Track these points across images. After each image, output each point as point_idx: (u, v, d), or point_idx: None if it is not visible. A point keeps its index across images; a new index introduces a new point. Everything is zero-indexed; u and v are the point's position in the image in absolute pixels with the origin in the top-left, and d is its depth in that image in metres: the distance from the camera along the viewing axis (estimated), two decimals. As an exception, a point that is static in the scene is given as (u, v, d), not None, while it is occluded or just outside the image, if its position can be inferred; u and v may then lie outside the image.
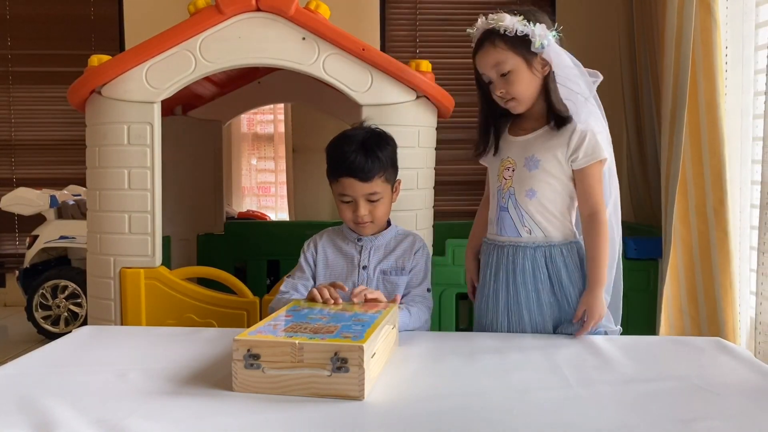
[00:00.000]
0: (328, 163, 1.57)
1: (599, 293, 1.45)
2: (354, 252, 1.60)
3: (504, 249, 1.53)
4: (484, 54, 1.46)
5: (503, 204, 1.52)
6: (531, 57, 1.44)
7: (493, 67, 1.46)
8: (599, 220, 1.46)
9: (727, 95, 2.34)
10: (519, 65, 1.44)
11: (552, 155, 1.48)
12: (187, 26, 2.04)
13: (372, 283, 1.56)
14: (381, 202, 1.54)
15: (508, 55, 1.44)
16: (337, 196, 1.55)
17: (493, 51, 1.45)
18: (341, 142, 1.54)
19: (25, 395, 1.05)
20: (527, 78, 1.45)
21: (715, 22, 2.28)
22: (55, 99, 4.41)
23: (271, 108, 4.95)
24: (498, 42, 1.44)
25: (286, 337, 1.07)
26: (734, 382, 1.14)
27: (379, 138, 1.57)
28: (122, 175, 2.05)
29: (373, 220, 1.55)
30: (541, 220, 1.50)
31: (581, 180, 1.48)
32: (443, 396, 1.07)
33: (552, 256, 1.50)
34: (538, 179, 1.48)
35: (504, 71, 1.45)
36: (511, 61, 1.44)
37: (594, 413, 1.00)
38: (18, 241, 4.49)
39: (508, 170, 1.52)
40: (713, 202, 2.31)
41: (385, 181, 1.54)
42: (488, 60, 1.46)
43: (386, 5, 4.17)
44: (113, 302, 2.09)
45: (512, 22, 1.41)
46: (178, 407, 1.01)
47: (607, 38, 3.80)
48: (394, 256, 1.59)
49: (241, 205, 5.05)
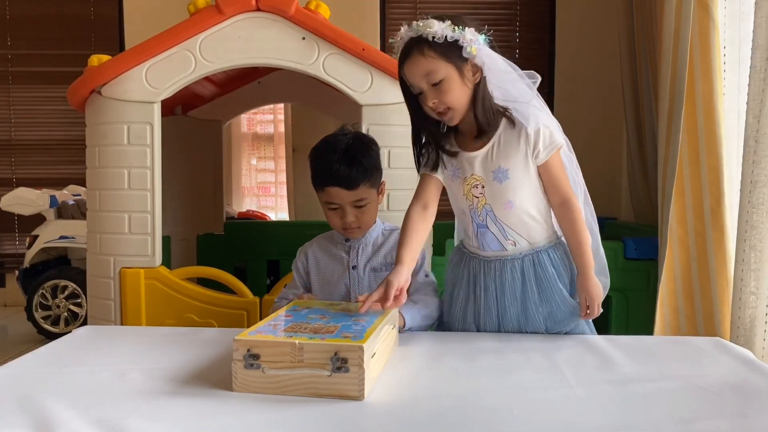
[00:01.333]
0: (312, 172, 1.57)
1: (591, 275, 1.43)
2: (343, 253, 1.61)
3: (490, 263, 1.50)
4: (413, 63, 1.37)
5: (480, 222, 1.48)
6: (462, 64, 1.37)
7: (423, 76, 1.37)
8: (572, 206, 1.44)
9: (725, 95, 2.35)
10: (451, 73, 1.36)
11: (516, 160, 1.44)
12: (187, 26, 2.04)
13: (363, 282, 1.58)
14: (368, 207, 1.55)
15: (439, 64, 1.35)
16: (324, 204, 1.56)
17: (422, 60, 1.36)
18: (324, 151, 1.54)
19: (25, 395, 1.05)
20: (459, 86, 1.37)
21: (714, 22, 2.28)
22: (55, 99, 4.42)
23: (271, 108, 4.95)
24: (427, 50, 1.35)
25: (286, 337, 1.07)
26: (734, 382, 1.14)
27: (362, 144, 1.56)
28: (122, 175, 2.05)
29: (360, 225, 1.56)
30: (524, 229, 1.47)
31: (546, 172, 1.45)
32: (443, 396, 1.07)
33: (540, 261, 1.49)
34: (512, 188, 1.44)
35: (435, 81, 1.36)
36: (443, 69, 1.36)
37: (594, 413, 1.00)
38: (18, 241, 4.50)
39: (477, 188, 1.47)
40: (710, 202, 2.31)
41: (370, 186, 1.55)
42: (418, 69, 1.37)
43: (386, 5, 4.18)
44: (113, 302, 2.09)
45: (441, 28, 1.34)
46: (178, 407, 1.01)
47: (607, 38, 3.80)
48: (382, 252, 1.60)
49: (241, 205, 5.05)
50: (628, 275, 2.67)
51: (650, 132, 3.03)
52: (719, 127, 2.29)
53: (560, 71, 4.06)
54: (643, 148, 3.16)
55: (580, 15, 4.03)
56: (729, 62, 2.38)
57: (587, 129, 3.91)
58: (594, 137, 3.91)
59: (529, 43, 4.17)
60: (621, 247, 2.69)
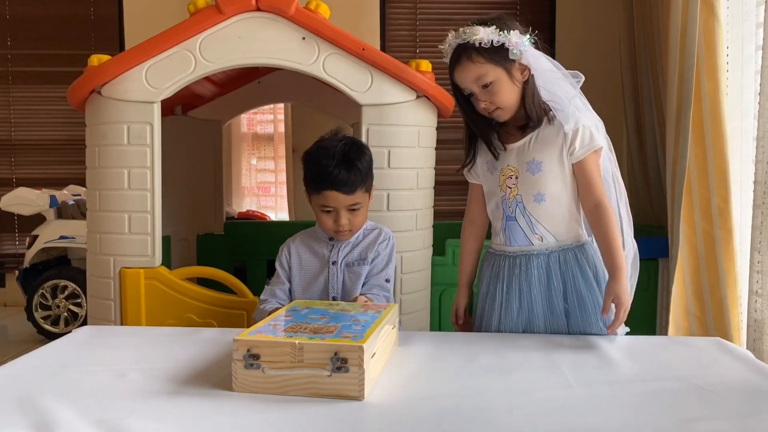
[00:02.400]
0: (307, 175, 1.58)
1: (623, 279, 1.43)
2: (325, 250, 1.64)
3: (516, 259, 1.52)
4: (463, 69, 1.45)
5: (510, 213, 1.52)
6: (510, 65, 1.44)
7: (474, 81, 1.45)
8: (604, 209, 1.46)
9: (728, 95, 2.35)
10: (500, 75, 1.43)
11: (551, 155, 1.48)
12: (187, 26, 2.04)
13: (339, 276, 1.60)
14: (361, 210, 1.58)
15: (488, 68, 1.43)
16: (318, 207, 1.58)
17: (471, 65, 1.43)
18: (322, 155, 1.55)
19: (25, 395, 1.05)
20: (509, 86, 1.45)
21: (718, 21, 2.28)
22: (55, 99, 4.42)
23: (271, 108, 4.95)
24: (475, 56, 1.42)
25: (286, 337, 1.07)
26: (734, 382, 1.14)
27: (358, 149, 1.59)
28: (122, 175, 2.05)
29: (351, 228, 1.59)
30: (552, 224, 1.49)
31: (581, 171, 1.48)
32: (443, 396, 1.07)
33: (567, 261, 1.50)
34: (544, 181, 1.48)
35: (485, 83, 1.45)
36: (492, 72, 1.43)
37: (594, 413, 1.00)
38: (18, 241, 4.49)
39: (511, 178, 1.51)
40: (718, 201, 2.31)
41: (365, 191, 1.58)
42: (468, 75, 1.45)
43: (386, 5, 4.18)
44: (113, 302, 2.09)
45: (486, 33, 1.40)
46: (178, 407, 1.01)
47: (607, 38, 3.80)
48: (359, 248, 1.63)
49: (241, 205, 5.05)
50: (629, 275, 2.67)
51: (650, 132, 3.03)
52: (725, 125, 2.29)
53: (560, 71, 4.06)
54: (643, 148, 3.16)
55: (580, 15, 4.03)
56: (732, 61, 2.38)
57: (587, 129, 3.91)
58: (594, 137, 3.90)
59: (529, 43, 4.16)
60: (621, 247, 2.69)
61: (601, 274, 1.51)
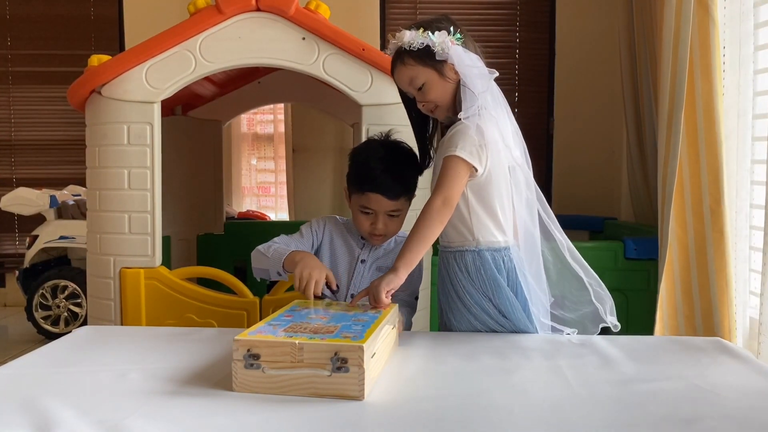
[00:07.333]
0: (354, 173, 1.57)
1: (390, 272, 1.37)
2: (355, 245, 1.62)
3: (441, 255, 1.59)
4: (398, 72, 1.51)
5: None
6: (440, 65, 1.46)
7: (408, 83, 1.50)
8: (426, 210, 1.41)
9: (725, 95, 2.34)
10: (430, 76, 1.47)
11: (439, 156, 1.49)
12: (187, 26, 2.04)
13: (366, 277, 1.59)
14: (399, 217, 1.57)
15: (418, 70, 1.47)
16: (358, 207, 1.56)
17: (404, 68, 1.49)
18: (372, 156, 1.55)
19: (25, 395, 1.05)
20: (441, 85, 1.47)
21: (714, 22, 2.28)
22: (55, 99, 4.42)
23: (271, 108, 4.95)
24: (406, 59, 1.47)
25: (286, 337, 1.07)
26: (734, 382, 1.14)
27: (408, 157, 1.59)
28: (122, 175, 2.05)
29: (386, 233, 1.57)
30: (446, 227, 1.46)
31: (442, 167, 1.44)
32: (443, 396, 1.07)
33: (447, 262, 1.52)
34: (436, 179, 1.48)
35: (418, 85, 1.48)
36: (423, 74, 1.47)
37: (594, 413, 1.00)
38: (18, 241, 4.49)
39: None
40: (710, 202, 2.31)
41: (407, 199, 1.57)
42: (402, 77, 1.50)
43: (386, 5, 4.17)
44: (113, 302, 2.09)
45: (411, 36, 1.45)
46: (178, 407, 1.01)
47: (607, 38, 3.80)
48: (393, 255, 1.59)
49: (241, 205, 5.05)
50: (628, 275, 2.68)
51: (650, 132, 3.03)
52: (719, 127, 2.29)
53: (560, 71, 4.06)
54: (643, 148, 3.16)
55: (580, 15, 4.03)
56: (729, 62, 2.38)
57: (587, 129, 3.91)
58: (594, 137, 3.93)
59: (529, 43, 4.16)
60: (621, 247, 2.70)
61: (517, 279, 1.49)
